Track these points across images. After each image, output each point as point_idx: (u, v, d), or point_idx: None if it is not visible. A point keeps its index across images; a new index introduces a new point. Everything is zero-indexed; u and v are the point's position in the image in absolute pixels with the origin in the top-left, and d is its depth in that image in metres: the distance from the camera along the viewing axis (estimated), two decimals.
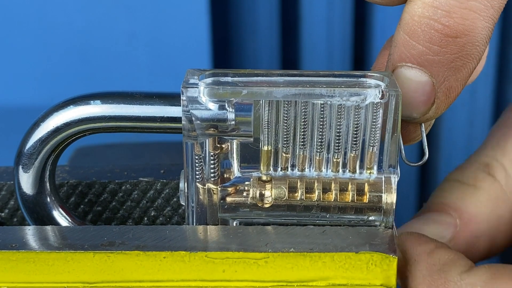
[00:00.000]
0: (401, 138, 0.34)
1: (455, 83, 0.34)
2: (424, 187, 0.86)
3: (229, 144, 0.35)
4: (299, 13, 0.79)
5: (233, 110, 0.34)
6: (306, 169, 0.35)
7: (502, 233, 0.39)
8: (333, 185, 0.34)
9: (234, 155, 0.35)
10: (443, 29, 0.33)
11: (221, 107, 0.34)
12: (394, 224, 0.35)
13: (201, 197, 0.35)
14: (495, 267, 0.34)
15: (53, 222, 0.37)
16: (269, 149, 0.34)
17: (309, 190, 0.35)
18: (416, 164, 0.35)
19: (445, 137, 0.80)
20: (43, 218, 0.37)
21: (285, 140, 0.34)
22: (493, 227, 0.39)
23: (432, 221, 0.39)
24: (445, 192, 0.40)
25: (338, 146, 0.34)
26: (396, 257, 0.32)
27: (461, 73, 0.34)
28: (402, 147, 0.35)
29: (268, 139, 0.34)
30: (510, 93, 0.81)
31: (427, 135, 0.36)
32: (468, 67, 0.34)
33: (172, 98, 0.35)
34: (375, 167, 0.35)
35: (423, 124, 0.36)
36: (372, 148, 0.34)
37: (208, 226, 0.35)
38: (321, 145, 0.34)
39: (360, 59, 0.82)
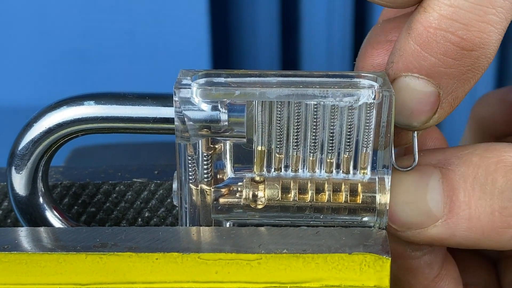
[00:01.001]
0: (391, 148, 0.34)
1: (462, 93, 0.34)
2: None
3: (222, 145, 0.34)
4: (299, 13, 0.79)
5: (226, 111, 0.34)
6: (300, 170, 0.35)
7: None
8: (326, 185, 0.34)
9: (227, 156, 0.35)
10: (460, 42, 0.32)
11: (214, 108, 0.33)
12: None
13: (194, 198, 0.35)
14: None
15: (46, 223, 0.37)
16: (263, 149, 0.34)
17: (302, 190, 0.34)
18: (406, 170, 0.35)
19: (445, 137, 0.80)
20: (36, 219, 0.37)
21: (278, 141, 0.34)
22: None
23: (421, 202, 0.37)
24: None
25: (332, 146, 0.34)
26: (389, 258, 0.32)
27: (469, 84, 0.33)
28: (393, 151, 0.35)
29: (261, 139, 0.34)
30: None
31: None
32: (476, 78, 0.33)
33: (165, 99, 0.35)
34: (369, 168, 0.34)
35: (415, 133, 0.35)
36: (366, 149, 0.34)
37: (201, 227, 0.35)
38: (314, 145, 0.34)
39: None
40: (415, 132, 0.35)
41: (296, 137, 0.34)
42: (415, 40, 0.33)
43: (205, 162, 0.34)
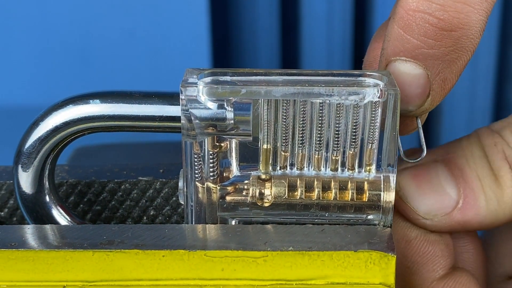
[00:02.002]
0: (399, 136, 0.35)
1: (450, 75, 0.34)
2: None
3: (228, 143, 0.35)
4: (299, 13, 0.79)
5: (232, 109, 0.34)
6: (305, 168, 0.35)
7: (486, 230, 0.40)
8: (332, 183, 0.35)
9: (233, 154, 0.35)
10: (437, 22, 0.33)
11: (220, 106, 0.34)
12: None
13: (200, 196, 0.35)
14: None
15: (52, 221, 0.37)
16: (268, 148, 0.34)
17: (308, 188, 0.35)
18: (414, 161, 0.35)
19: (445, 137, 0.80)
20: (42, 217, 0.37)
21: (284, 139, 0.34)
22: (483, 225, 0.39)
23: (437, 185, 0.38)
24: (469, 157, 0.38)
25: (337, 145, 0.34)
26: (395, 256, 0.32)
27: (455, 65, 0.34)
28: (400, 144, 0.35)
29: (267, 138, 0.34)
30: (510, 93, 0.81)
31: (424, 132, 0.36)
32: (463, 59, 0.34)
33: (171, 98, 0.35)
34: (374, 166, 0.35)
35: (419, 119, 0.36)
36: (371, 147, 0.34)
37: (207, 225, 0.35)
38: (320, 144, 0.34)
39: (360, 59, 0.82)
40: (419, 122, 0.36)
41: (301, 135, 0.34)
42: (398, 24, 0.34)
43: (211, 160, 0.34)
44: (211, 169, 0.34)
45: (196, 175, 0.35)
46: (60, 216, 0.37)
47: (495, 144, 0.38)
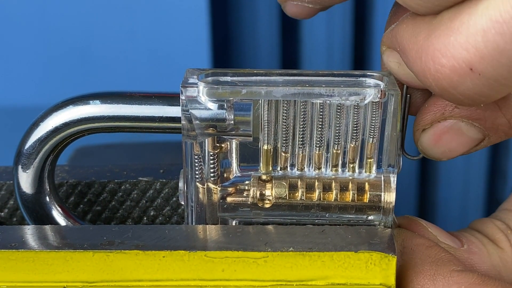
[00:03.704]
0: (400, 137, 0.35)
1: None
2: (424, 186, 0.86)
3: (228, 143, 0.35)
4: None
5: (232, 110, 0.34)
6: (306, 169, 0.35)
7: None
8: (333, 184, 0.34)
9: (234, 155, 0.35)
10: None
11: (221, 107, 0.34)
12: (394, 217, 0.35)
13: (200, 196, 0.35)
14: (485, 277, 0.34)
15: (52, 221, 0.37)
16: (269, 148, 0.34)
17: (309, 189, 0.35)
18: (416, 158, 0.35)
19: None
20: (42, 218, 0.37)
21: (284, 140, 0.34)
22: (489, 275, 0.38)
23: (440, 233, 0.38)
24: (464, 232, 0.39)
25: (338, 145, 0.34)
26: (395, 257, 0.32)
27: None
28: (403, 142, 0.35)
29: (267, 138, 0.34)
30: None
31: None
32: None
33: (171, 98, 0.35)
34: (374, 167, 0.35)
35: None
36: (371, 148, 0.34)
37: (207, 226, 0.35)
38: (320, 144, 0.34)
39: (360, 59, 0.82)
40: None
41: (302, 135, 0.34)
42: None
43: (211, 161, 0.34)
44: (211, 170, 0.34)
45: (197, 176, 0.35)
46: (60, 217, 0.37)
47: (486, 224, 0.38)
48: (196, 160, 0.34)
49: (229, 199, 0.35)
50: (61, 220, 0.37)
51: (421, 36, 0.31)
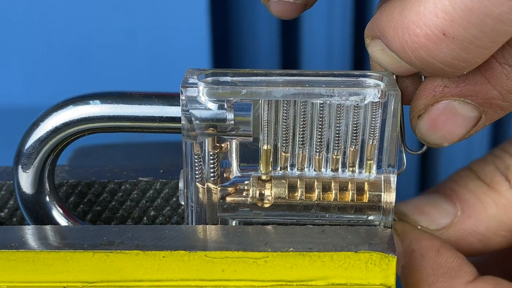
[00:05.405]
0: (400, 135, 0.35)
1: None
2: (424, 186, 0.86)
3: (228, 143, 0.35)
4: None
5: (233, 110, 0.34)
6: (305, 169, 0.35)
7: (499, 237, 0.39)
8: (333, 184, 0.34)
9: (234, 155, 0.35)
10: None
11: (221, 107, 0.34)
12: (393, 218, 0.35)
13: (200, 196, 0.35)
14: (498, 281, 0.34)
15: (52, 221, 0.37)
16: (269, 148, 0.34)
17: (309, 189, 0.35)
18: (418, 152, 0.35)
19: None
20: (43, 218, 0.37)
21: (284, 140, 0.34)
22: (491, 230, 0.39)
23: (434, 204, 0.39)
24: (459, 180, 0.39)
25: (338, 145, 0.34)
26: (395, 257, 0.32)
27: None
28: (404, 138, 0.35)
29: (267, 138, 0.34)
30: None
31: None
32: None
33: (171, 98, 0.35)
34: (374, 167, 0.35)
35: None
36: (371, 148, 0.34)
37: (207, 226, 0.35)
38: (320, 144, 0.34)
39: (360, 59, 0.82)
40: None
41: (302, 136, 0.34)
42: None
43: (211, 161, 0.34)
44: (211, 170, 0.34)
45: (197, 176, 0.35)
46: (60, 217, 0.37)
47: (486, 164, 0.38)
48: (196, 160, 0.34)
49: (229, 199, 0.35)
50: (61, 220, 0.37)
51: (396, 13, 0.31)
